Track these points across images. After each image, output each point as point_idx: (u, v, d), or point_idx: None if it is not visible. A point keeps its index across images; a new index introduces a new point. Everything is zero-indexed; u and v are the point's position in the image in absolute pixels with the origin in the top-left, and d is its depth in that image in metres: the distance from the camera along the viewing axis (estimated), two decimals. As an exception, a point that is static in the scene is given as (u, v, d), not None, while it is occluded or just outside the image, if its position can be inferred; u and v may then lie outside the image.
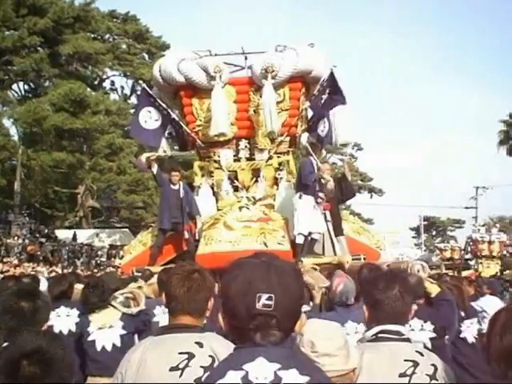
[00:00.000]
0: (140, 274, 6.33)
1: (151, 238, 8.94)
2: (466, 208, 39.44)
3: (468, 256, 23.75)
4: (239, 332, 1.52)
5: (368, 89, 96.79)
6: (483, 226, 24.94)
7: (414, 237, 56.71)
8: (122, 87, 35.04)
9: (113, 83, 34.98)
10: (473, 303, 7.66)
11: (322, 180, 8.22)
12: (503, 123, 36.67)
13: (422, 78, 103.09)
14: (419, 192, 78.53)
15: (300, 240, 8.01)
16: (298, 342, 1.76)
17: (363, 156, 55.14)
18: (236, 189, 9.35)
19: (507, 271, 19.92)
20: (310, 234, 8.05)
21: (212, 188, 9.37)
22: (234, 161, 9.37)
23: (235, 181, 9.39)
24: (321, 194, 8.23)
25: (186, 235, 8.47)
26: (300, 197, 8.05)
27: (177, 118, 9.47)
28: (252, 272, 1.51)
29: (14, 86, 29.54)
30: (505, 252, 22.44)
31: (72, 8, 27.88)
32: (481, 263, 21.53)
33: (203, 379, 1.61)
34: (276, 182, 9.38)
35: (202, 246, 8.13)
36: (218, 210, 8.97)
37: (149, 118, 9.45)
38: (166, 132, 9.57)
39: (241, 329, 1.50)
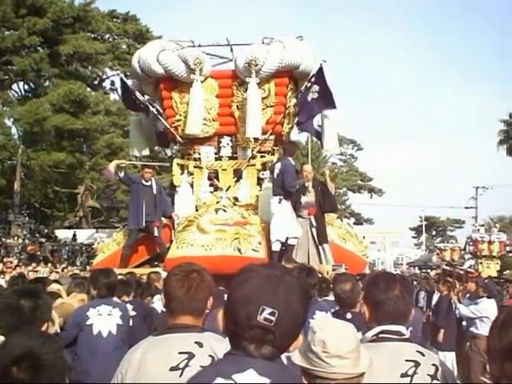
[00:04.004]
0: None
1: (125, 238, 8.42)
2: (466, 208, 39.51)
3: (468, 256, 23.76)
4: (234, 337, 1.49)
5: (369, 88, 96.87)
6: (483, 226, 24.90)
7: (414, 237, 56.87)
8: (122, 87, 34.95)
9: (113, 83, 34.88)
10: (471, 307, 7.32)
11: (305, 183, 7.81)
12: (503, 123, 36.66)
13: (422, 78, 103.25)
14: (419, 192, 78.75)
15: (276, 247, 7.59)
16: (309, 339, 1.72)
17: (363, 156, 55.10)
18: (216, 189, 8.81)
19: (507, 271, 19.94)
20: (287, 239, 7.63)
21: (192, 187, 8.83)
22: (216, 159, 8.81)
23: (215, 180, 8.85)
24: (303, 199, 7.82)
25: (156, 233, 8.04)
26: (279, 201, 7.62)
27: (155, 112, 8.94)
28: (261, 282, 1.45)
29: (14, 86, 29.60)
30: (505, 252, 22.42)
31: (72, 8, 27.89)
32: (481, 263, 21.50)
33: (190, 379, 1.57)
34: (259, 182, 8.81)
35: (173, 250, 7.65)
36: (196, 211, 8.42)
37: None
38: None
39: (237, 335, 1.47)
